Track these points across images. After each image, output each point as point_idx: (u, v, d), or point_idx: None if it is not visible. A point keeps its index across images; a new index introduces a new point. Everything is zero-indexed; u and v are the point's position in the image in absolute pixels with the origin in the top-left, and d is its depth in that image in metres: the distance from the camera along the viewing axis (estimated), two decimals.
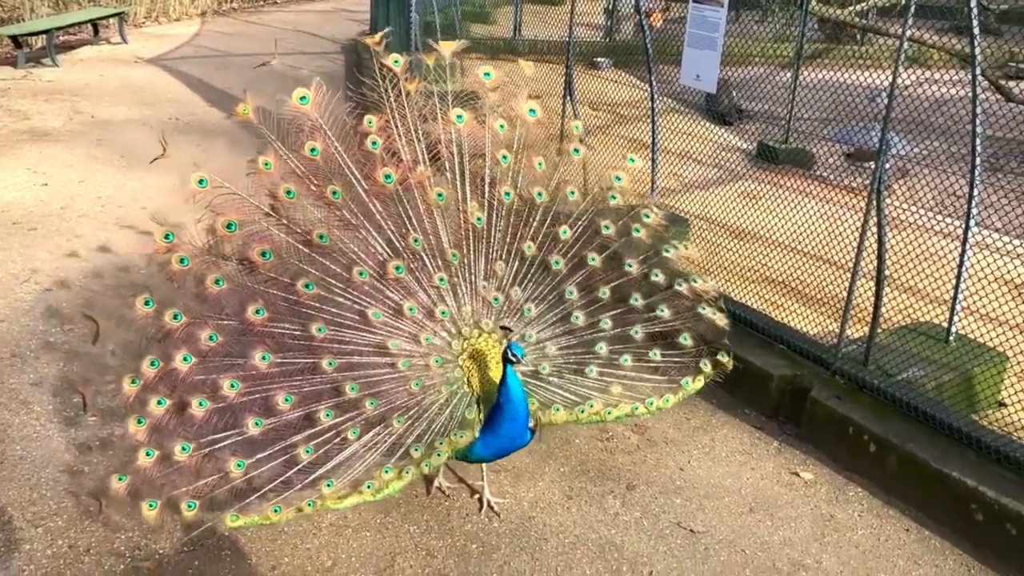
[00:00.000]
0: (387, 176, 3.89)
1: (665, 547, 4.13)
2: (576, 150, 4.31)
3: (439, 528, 4.18)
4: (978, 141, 4.67)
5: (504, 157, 4.11)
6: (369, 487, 3.67)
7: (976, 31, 4.49)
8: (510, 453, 4.03)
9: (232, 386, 3.59)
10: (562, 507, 4.38)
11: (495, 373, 3.92)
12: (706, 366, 4.28)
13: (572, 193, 4.25)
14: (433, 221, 3.99)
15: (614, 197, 4.29)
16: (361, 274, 3.82)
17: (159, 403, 3.53)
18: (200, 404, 3.54)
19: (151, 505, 3.46)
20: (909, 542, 4.22)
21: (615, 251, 4.25)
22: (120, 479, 3.51)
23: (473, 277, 4.07)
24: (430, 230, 3.98)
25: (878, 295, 4.88)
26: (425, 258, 3.97)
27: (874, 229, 4.85)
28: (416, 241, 3.93)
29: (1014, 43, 5.27)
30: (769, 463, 4.81)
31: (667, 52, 7.20)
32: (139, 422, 3.53)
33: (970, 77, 4.68)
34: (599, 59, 13.14)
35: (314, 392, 3.72)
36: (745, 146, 9.90)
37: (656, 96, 6.77)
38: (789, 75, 9.33)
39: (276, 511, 3.53)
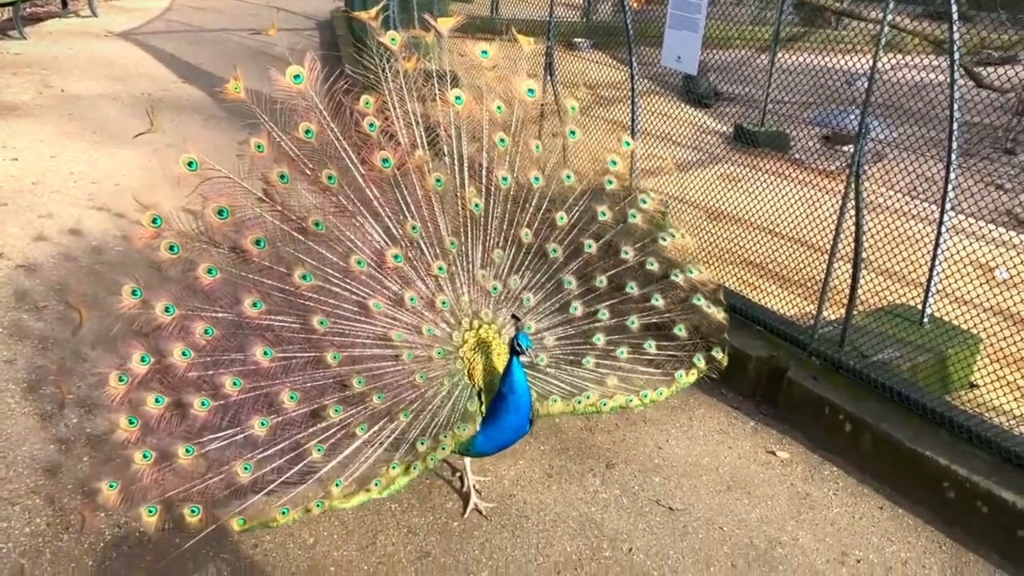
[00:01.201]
0: (385, 160, 3.76)
1: (644, 524, 4.18)
2: (572, 132, 4.21)
3: (421, 506, 4.19)
4: (955, 125, 4.73)
5: (502, 140, 4.01)
6: (377, 484, 3.58)
7: (955, 16, 4.53)
8: (511, 445, 3.99)
9: (235, 384, 3.44)
10: (543, 485, 4.41)
11: (497, 364, 3.86)
12: (700, 361, 4.24)
13: (568, 177, 4.16)
14: (431, 208, 3.89)
15: (611, 182, 4.22)
16: (359, 263, 3.70)
17: (156, 401, 3.36)
18: (203, 404, 3.39)
19: (150, 511, 3.31)
20: (883, 520, 4.30)
21: (612, 238, 4.18)
22: (111, 486, 3.33)
23: (471, 265, 3.98)
24: (428, 217, 3.88)
25: (855, 277, 4.93)
26: (423, 246, 3.87)
27: (852, 212, 4.90)
28: (414, 229, 3.83)
29: (987, 29, 5.31)
30: (746, 442, 4.87)
31: (647, 34, 7.18)
32: (131, 422, 3.33)
33: (943, 62, 4.73)
34: (578, 40, 13.08)
35: (319, 387, 3.61)
36: (723, 129, 9.94)
37: (636, 78, 6.76)
38: (767, 58, 9.36)
39: (284, 513, 3.43)
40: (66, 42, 13.50)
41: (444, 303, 3.88)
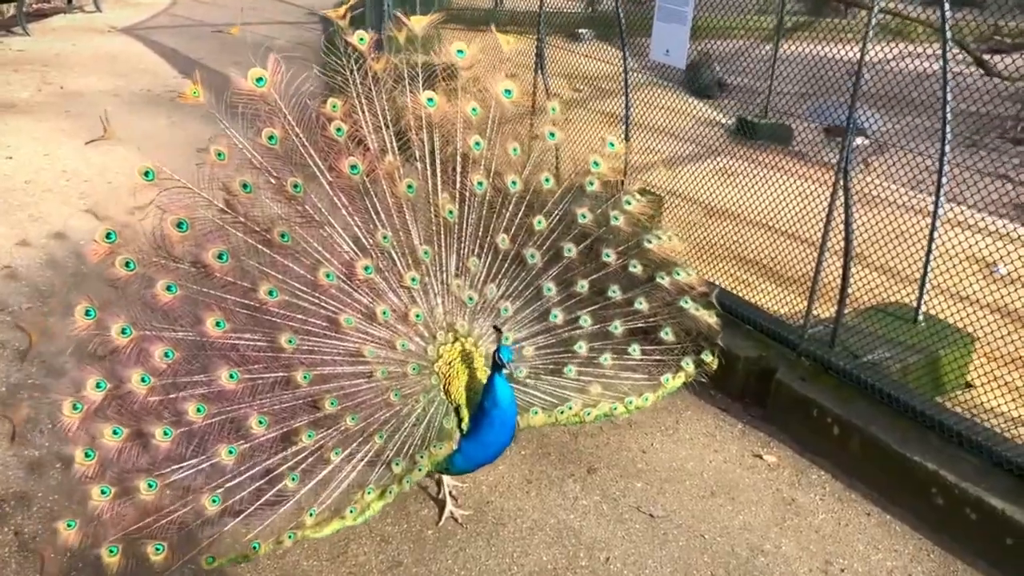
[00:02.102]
0: (353, 167, 3.60)
1: (624, 532, 4.09)
2: (552, 134, 4.04)
3: (395, 513, 4.11)
4: (955, 116, 4.59)
5: (476, 144, 3.85)
6: (352, 511, 3.47)
7: (946, 3, 4.38)
8: (492, 461, 3.87)
9: (199, 410, 3.27)
10: (521, 491, 4.32)
11: (476, 378, 3.72)
12: (688, 365, 4.11)
13: (547, 180, 3.99)
14: (402, 216, 3.74)
15: (592, 183, 4.04)
16: (328, 276, 3.54)
17: (114, 433, 3.16)
18: (165, 433, 3.21)
19: (111, 551, 3.14)
20: (870, 526, 4.19)
21: (593, 242, 4.03)
22: (69, 525, 3.15)
23: (446, 275, 3.84)
24: (399, 225, 3.73)
25: (845, 275, 4.81)
26: (395, 256, 3.71)
27: (842, 207, 4.77)
28: (385, 238, 3.68)
29: (999, 16, 5.13)
30: (733, 446, 4.76)
31: (647, 24, 7.04)
32: (87, 455, 3.14)
33: (952, 52, 4.58)
34: (580, 31, 12.94)
35: (289, 410, 3.45)
36: (725, 121, 9.78)
37: (636, 70, 6.63)
38: (770, 48, 9.19)
39: (255, 547, 3.31)
40: (69, 38, 13.51)
41: (418, 315, 3.74)
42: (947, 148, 4.71)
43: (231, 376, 3.35)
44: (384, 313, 3.66)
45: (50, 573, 3.63)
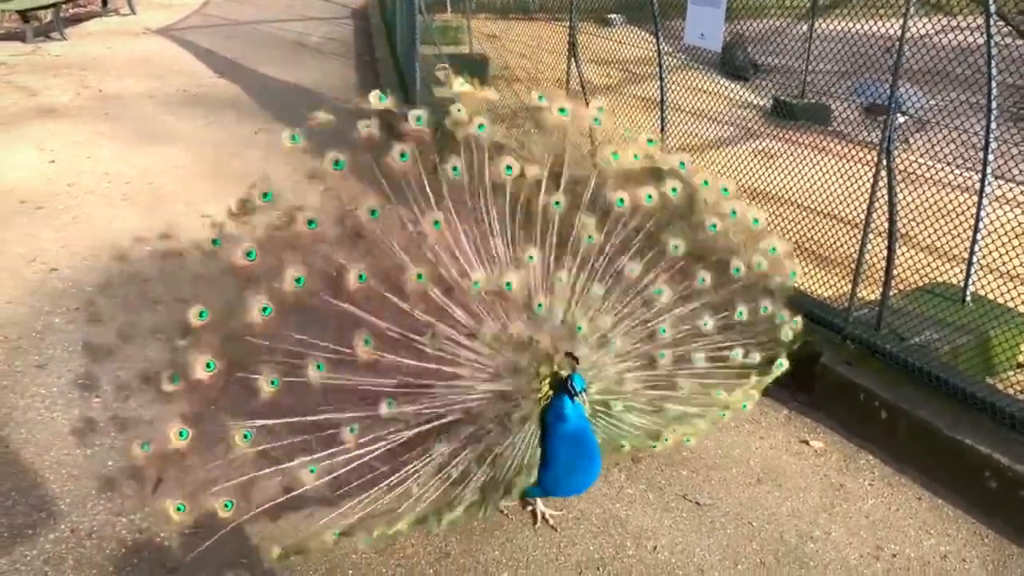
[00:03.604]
0: (435, 223, 3.58)
1: (670, 520, 4.07)
2: (615, 154, 3.84)
3: None
4: (998, 89, 4.49)
5: (557, 203, 3.76)
6: (435, 520, 3.36)
7: None
8: (576, 493, 3.88)
9: (319, 367, 3.22)
10: None
11: None
12: (788, 335, 4.08)
13: (649, 198, 3.80)
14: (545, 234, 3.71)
15: (674, 191, 3.86)
16: (475, 284, 3.51)
17: (208, 367, 3.13)
18: (272, 383, 3.17)
19: (227, 506, 3.18)
20: (921, 511, 4.13)
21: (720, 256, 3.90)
22: (179, 509, 3.18)
23: (567, 303, 3.72)
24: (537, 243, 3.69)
25: (890, 257, 4.73)
26: (530, 280, 3.64)
27: (884, 186, 4.69)
28: (531, 258, 3.63)
29: None
30: (779, 432, 4.72)
31: (679, 6, 6.97)
32: (182, 435, 3.14)
33: (997, 24, 4.48)
34: (611, 16, 12.85)
35: (413, 398, 3.42)
36: (760, 102, 9.66)
37: (668, 53, 6.57)
38: (806, 27, 9.04)
39: (336, 534, 3.24)
40: (105, 41, 13.69)
41: (534, 340, 3.59)
42: (993, 123, 4.61)
43: (365, 342, 3.29)
44: (488, 334, 3.57)
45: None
